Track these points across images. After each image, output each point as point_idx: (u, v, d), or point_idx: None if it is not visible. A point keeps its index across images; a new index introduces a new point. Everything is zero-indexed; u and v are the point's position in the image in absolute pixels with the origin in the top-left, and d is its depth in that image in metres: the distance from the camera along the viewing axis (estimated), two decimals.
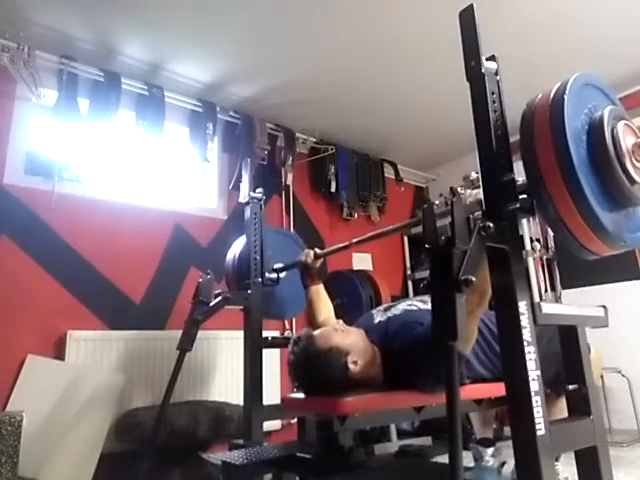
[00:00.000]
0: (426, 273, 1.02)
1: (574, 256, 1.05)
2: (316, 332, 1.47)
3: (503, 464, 1.73)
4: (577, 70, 1.11)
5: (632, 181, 1.00)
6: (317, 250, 2.00)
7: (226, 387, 2.73)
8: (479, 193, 1.12)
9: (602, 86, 1.12)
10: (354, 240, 1.91)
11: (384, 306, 1.74)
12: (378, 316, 1.66)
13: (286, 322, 3.24)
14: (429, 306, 1.56)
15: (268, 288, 2.16)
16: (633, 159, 1.01)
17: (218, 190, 3.28)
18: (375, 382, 1.44)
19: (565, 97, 0.99)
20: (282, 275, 2.20)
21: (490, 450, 1.74)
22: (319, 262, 1.99)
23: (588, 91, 1.08)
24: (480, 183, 1.10)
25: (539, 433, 0.94)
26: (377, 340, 1.51)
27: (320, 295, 1.92)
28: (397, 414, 1.51)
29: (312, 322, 1.87)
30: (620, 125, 1.02)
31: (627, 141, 1.02)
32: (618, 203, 1.01)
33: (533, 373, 0.97)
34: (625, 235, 1.01)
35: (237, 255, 2.27)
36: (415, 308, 1.61)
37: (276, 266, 2.19)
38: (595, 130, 1.01)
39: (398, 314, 1.59)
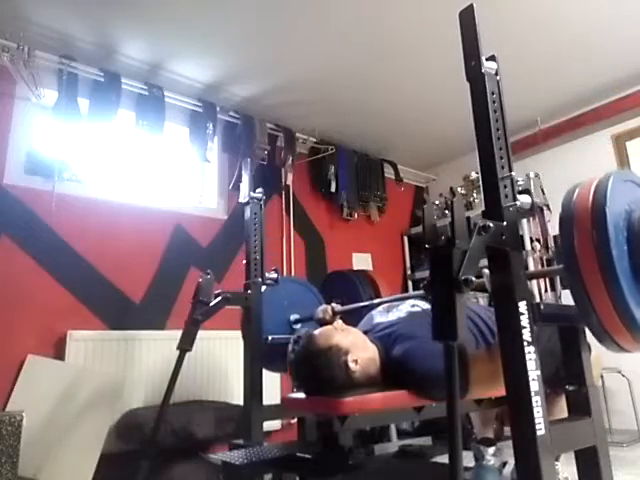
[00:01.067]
0: (426, 273, 1.02)
1: None
2: (316, 331, 1.47)
3: (504, 464, 1.73)
4: (577, 70, 1.11)
5: None
6: (334, 305, 1.98)
7: (226, 387, 2.72)
8: None
9: (638, 181, 1.13)
10: (376, 301, 1.91)
11: (385, 306, 1.73)
12: (379, 316, 1.66)
13: None
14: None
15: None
16: None
17: (218, 190, 3.28)
18: (375, 381, 1.44)
19: (608, 197, 1.00)
20: (299, 327, 2.20)
21: (491, 450, 1.74)
22: (337, 319, 1.92)
23: (627, 187, 1.09)
24: (480, 183, 1.10)
25: (539, 433, 0.94)
26: (378, 341, 1.51)
27: None
28: (397, 414, 1.51)
29: None
30: None
31: None
32: None
33: (533, 373, 0.97)
34: None
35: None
36: (419, 309, 1.60)
37: (292, 317, 2.20)
38: (633, 230, 1.02)
39: (403, 317, 1.58)
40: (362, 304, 1.98)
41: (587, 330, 1.20)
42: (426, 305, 1.59)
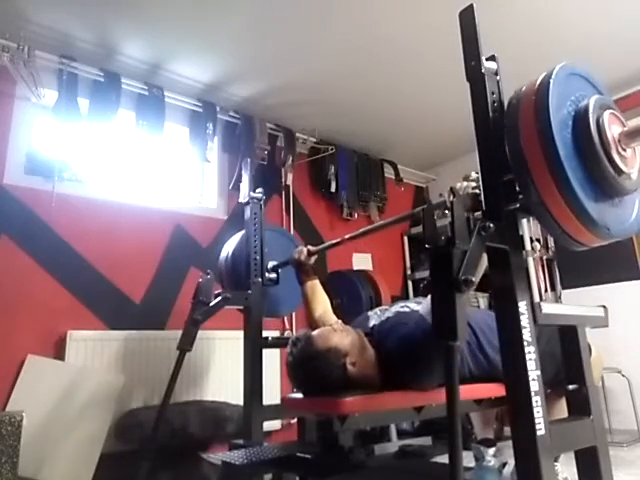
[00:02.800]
0: (426, 273, 1.03)
1: (574, 256, 1.05)
2: (314, 333, 1.47)
3: (504, 464, 1.73)
4: None
5: (618, 171, 0.99)
6: (310, 247, 2.00)
7: (226, 387, 2.72)
8: (469, 187, 1.12)
9: (589, 76, 1.12)
10: (347, 236, 1.89)
11: (380, 308, 1.74)
12: (373, 318, 1.66)
13: (286, 322, 3.25)
14: (422, 306, 1.57)
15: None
16: (619, 148, 1.00)
17: (218, 190, 3.28)
18: (373, 382, 1.44)
19: (550, 84, 0.99)
20: (273, 275, 2.20)
21: (492, 450, 1.73)
22: (313, 259, 1.99)
23: (575, 81, 1.07)
24: (480, 183, 1.10)
25: (539, 433, 0.94)
26: (373, 342, 1.52)
27: (316, 291, 1.92)
28: (397, 414, 1.51)
29: (309, 318, 1.88)
30: (606, 114, 1.01)
31: (613, 130, 1.01)
32: (604, 193, 1.00)
33: (533, 373, 0.97)
34: (611, 224, 1.00)
35: (230, 253, 2.26)
36: (407, 310, 1.61)
37: (271, 264, 2.18)
38: (580, 119, 1.00)
39: (391, 316, 1.60)
40: (334, 241, 1.98)
41: (587, 329, 1.21)
42: (417, 307, 1.60)
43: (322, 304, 1.90)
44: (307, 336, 1.46)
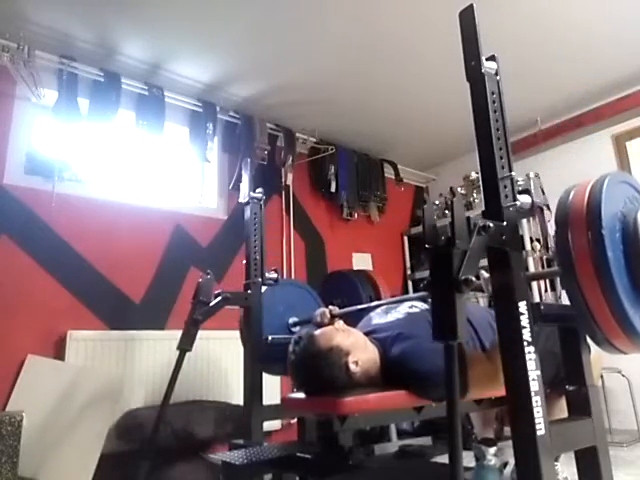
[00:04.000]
0: (426, 273, 1.02)
1: None
2: (317, 332, 1.47)
3: (505, 464, 1.73)
4: (577, 70, 1.11)
5: None
6: (332, 308, 1.96)
7: (226, 387, 2.72)
8: None
9: (633, 182, 1.14)
10: (373, 304, 1.93)
11: (384, 308, 1.73)
12: (377, 317, 1.66)
13: None
14: (428, 305, 1.56)
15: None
16: None
17: (218, 190, 3.28)
18: (375, 382, 1.43)
19: (602, 203, 1.00)
20: (297, 329, 2.18)
21: (493, 450, 1.73)
22: (336, 322, 1.95)
23: (621, 189, 1.10)
24: (480, 183, 1.10)
25: (539, 433, 0.94)
26: (377, 342, 1.51)
27: None
28: (397, 414, 1.51)
29: None
30: None
31: None
32: None
33: (533, 373, 0.97)
34: None
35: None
36: (417, 310, 1.60)
37: (291, 320, 2.20)
38: (629, 232, 1.03)
39: (401, 318, 1.58)
40: (360, 307, 1.97)
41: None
42: (424, 306, 1.59)
43: None
44: (309, 335, 1.45)
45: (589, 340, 1.20)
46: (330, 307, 1.98)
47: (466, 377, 1.30)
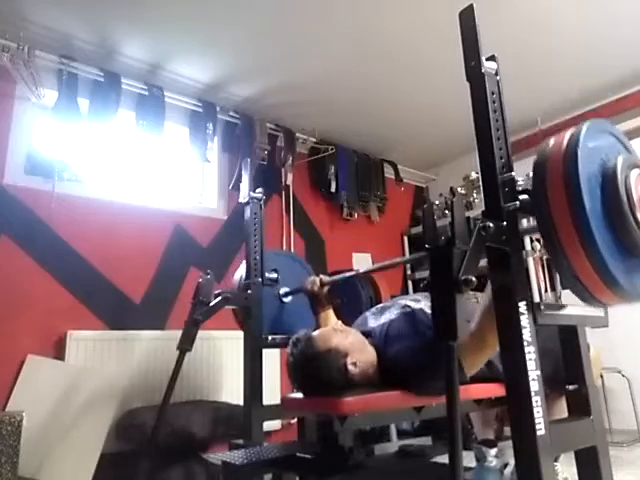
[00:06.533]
0: (426, 273, 1.02)
1: None
2: (315, 333, 1.47)
3: (506, 465, 1.73)
4: (577, 70, 1.11)
5: None
6: (322, 277, 1.99)
7: (226, 387, 2.73)
8: None
9: (616, 132, 1.11)
10: (361, 271, 1.99)
11: (379, 307, 1.73)
12: (372, 318, 1.65)
13: None
14: (422, 304, 1.56)
15: (275, 311, 2.16)
16: None
17: (218, 190, 3.28)
18: (373, 382, 1.44)
19: (579, 148, 0.97)
20: (288, 299, 2.21)
21: (493, 450, 1.73)
22: (325, 289, 1.97)
23: (602, 138, 1.06)
24: (480, 183, 1.10)
25: (539, 433, 0.94)
26: (373, 342, 1.51)
27: (329, 321, 1.91)
28: (397, 414, 1.51)
29: None
30: (633, 174, 1.00)
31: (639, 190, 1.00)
32: (630, 253, 0.99)
33: (533, 373, 0.97)
34: (637, 286, 1.00)
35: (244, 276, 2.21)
36: (408, 310, 1.59)
37: (282, 291, 2.20)
38: (608, 180, 0.99)
39: (394, 318, 1.58)
40: (348, 274, 1.99)
41: (587, 329, 1.20)
42: (418, 305, 1.59)
43: None
44: (308, 337, 1.45)
45: (592, 339, 1.20)
46: (321, 275, 1.99)
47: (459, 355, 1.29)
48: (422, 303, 1.57)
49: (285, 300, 2.22)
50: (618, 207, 0.97)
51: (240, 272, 2.30)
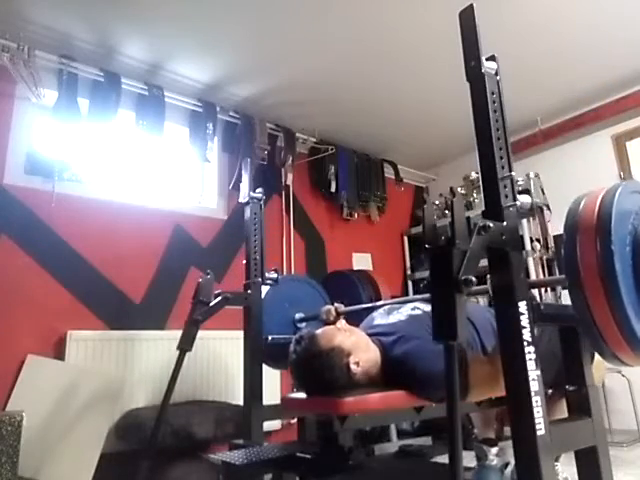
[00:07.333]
0: (426, 273, 1.03)
1: None
2: (318, 331, 1.47)
3: (506, 464, 1.73)
4: (577, 70, 1.11)
5: None
6: (337, 306, 1.98)
7: (226, 387, 2.72)
8: None
9: None
10: (379, 303, 1.96)
11: (386, 308, 1.73)
12: (379, 318, 1.65)
13: None
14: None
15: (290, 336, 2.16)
16: None
17: (218, 190, 3.28)
18: (376, 382, 1.44)
19: (613, 211, 0.97)
20: (303, 325, 2.21)
21: (494, 450, 1.73)
22: (341, 319, 1.96)
23: (633, 199, 1.06)
24: (480, 183, 1.10)
25: (539, 433, 0.94)
26: (378, 342, 1.51)
27: None
28: (397, 414, 1.51)
29: None
30: None
31: None
32: None
33: (533, 373, 0.97)
34: None
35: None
36: (420, 312, 1.60)
37: (297, 316, 2.21)
38: (639, 245, 1.00)
39: (403, 319, 1.57)
40: (366, 305, 1.99)
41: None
42: (427, 308, 1.59)
43: None
44: (311, 335, 1.45)
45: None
46: (336, 304, 1.98)
47: (467, 380, 1.30)
48: None
49: (300, 326, 2.22)
50: None
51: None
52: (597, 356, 1.22)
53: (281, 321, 2.15)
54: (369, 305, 1.97)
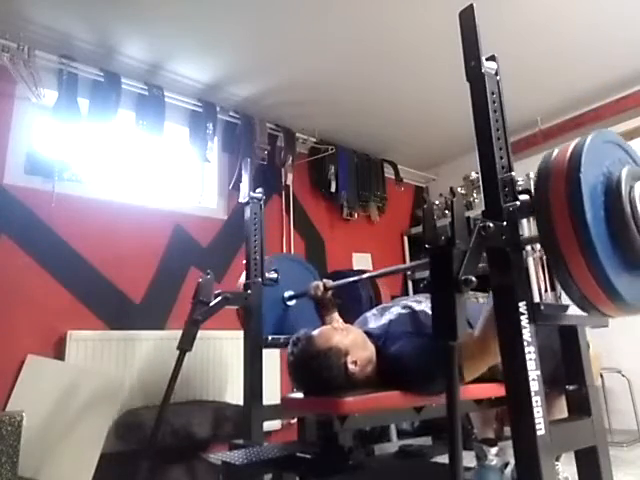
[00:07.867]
0: (426, 273, 1.02)
1: None
2: (315, 332, 1.47)
3: (506, 464, 1.73)
4: (578, 70, 1.11)
5: None
6: (326, 281, 1.99)
7: (226, 387, 2.73)
8: None
9: (622, 143, 1.10)
10: (364, 276, 1.97)
11: (379, 308, 1.73)
12: (373, 318, 1.66)
13: None
14: (423, 306, 1.56)
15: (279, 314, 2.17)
16: None
17: (218, 190, 3.28)
18: (373, 381, 1.44)
19: (583, 157, 0.96)
20: (292, 303, 2.21)
21: (494, 449, 1.74)
22: (329, 293, 1.98)
23: (607, 148, 1.05)
24: (480, 183, 1.10)
25: (539, 433, 0.94)
26: (373, 341, 1.51)
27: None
28: (397, 414, 1.51)
29: None
30: (638, 185, 1.00)
31: None
32: (633, 265, 0.98)
33: (533, 373, 0.97)
34: (635, 298, 0.98)
35: None
36: (409, 311, 1.60)
37: (286, 294, 2.20)
38: (612, 191, 0.99)
39: (393, 319, 1.58)
40: (353, 279, 1.99)
41: (587, 329, 1.20)
42: (419, 307, 1.59)
43: None
44: (308, 335, 1.46)
45: (590, 338, 1.20)
46: (324, 280, 1.99)
47: (459, 358, 1.30)
48: (424, 305, 1.58)
49: (289, 303, 2.22)
50: (621, 218, 0.96)
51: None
52: (592, 352, 1.23)
53: (271, 300, 2.14)
54: (355, 278, 1.97)
